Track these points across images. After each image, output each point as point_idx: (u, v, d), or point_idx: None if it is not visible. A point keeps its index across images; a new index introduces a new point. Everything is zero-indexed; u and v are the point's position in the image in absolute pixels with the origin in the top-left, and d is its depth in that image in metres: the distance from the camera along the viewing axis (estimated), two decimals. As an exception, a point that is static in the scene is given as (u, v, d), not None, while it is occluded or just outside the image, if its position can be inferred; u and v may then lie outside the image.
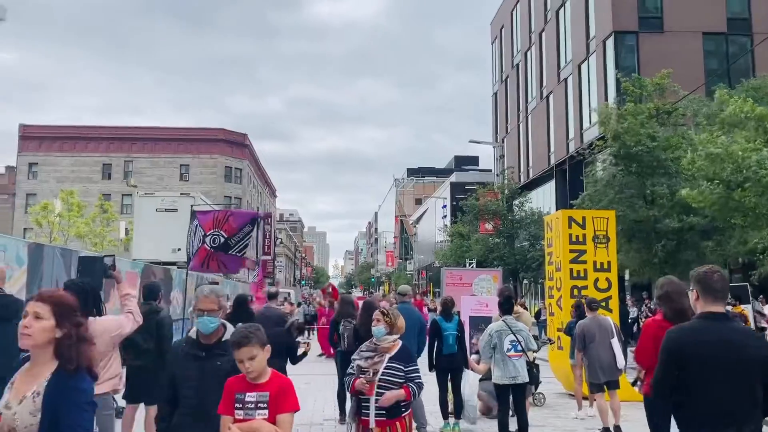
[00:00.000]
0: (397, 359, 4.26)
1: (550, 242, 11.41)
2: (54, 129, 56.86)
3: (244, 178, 59.22)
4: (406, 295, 7.76)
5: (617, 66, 26.78)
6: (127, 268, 15.50)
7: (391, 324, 4.37)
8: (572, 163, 31.15)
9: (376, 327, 4.33)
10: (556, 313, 11.00)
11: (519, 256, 25.91)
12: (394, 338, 4.37)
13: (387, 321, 4.37)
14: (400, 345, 4.40)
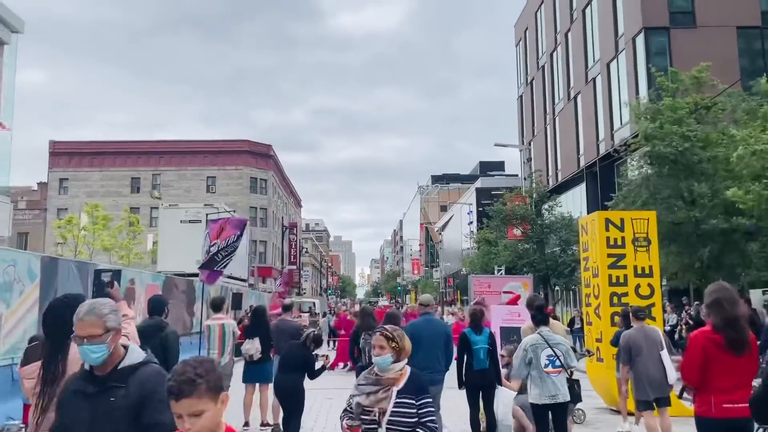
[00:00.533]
0: (407, 392, 3.43)
1: (585, 246, 10.74)
2: (83, 144, 57.72)
3: (269, 189, 59.28)
4: (429, 306, 7.20)
5: (648, 63, 25.88)
6: (148, 281, 15.23)
7: (398, 350, 3.50)
8: (603, 164, 30.24)
9: (381, 356, 3.46)
10: (594, 323, 10.30)
11: (550, 261, 25.09)
12: (402, 366, 3.51)
13: (393, 347, 3.49)
14: (408, 373, 3.53)
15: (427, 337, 6.79)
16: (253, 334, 8.35)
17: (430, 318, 7.15)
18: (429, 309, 7.20)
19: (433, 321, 7.10)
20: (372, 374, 3.53)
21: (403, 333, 3.64)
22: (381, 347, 3.48)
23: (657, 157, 13.59)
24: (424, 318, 7.03)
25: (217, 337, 8.39)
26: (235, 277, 26.91)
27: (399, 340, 3.52)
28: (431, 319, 7.14)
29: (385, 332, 3.55)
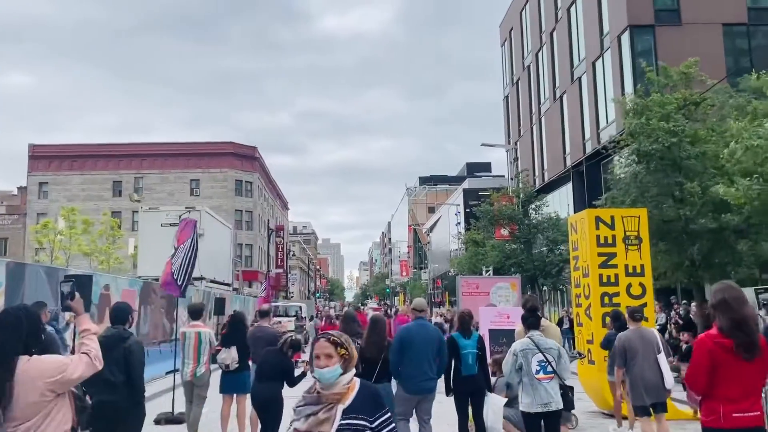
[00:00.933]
0: (356, 412, 2.82)
1: (575, 245, 10.44)
2: (63, 148, 56.80)
3: (255, 191, 58.68)
4: (423, 311, 6.83)
5: (633, 61, 25.77)
6: (125, 286, 14.74)
7: (348, 358, 2.91)
8: (589, 163, 30.11)
9: (327, 368, 2.82)
10: (585, 324, 10.00)
11: (537, 261, 24.85)
12: (350, 379, 2.91)
13: (342, 354, 2.90)
14: (357, 387, 2.93)
15: (420, 343, 6.43)
16: (230, 343, 7.94)
17: (424, 323, 6.76)
18: (422, 314, 6.83)
19: (427, 326, 6.74)
20: (313, 391, 2.90)
21: (349, 339, 3.04)
22: (328, 356, 2.85)
23: (644, 153, 13.33)
24: (417, 323, 6.67)
25: (193, 345, 7.97)
26: (218, 281, 26.42)
27: (348, 347, 2.95)
28: (425, 323, 6.75)
29: (332, 338, 2.94)
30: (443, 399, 7.04)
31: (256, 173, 59.01)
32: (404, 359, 6.38)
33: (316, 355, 2.88)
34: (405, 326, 6.73)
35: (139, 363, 5.09)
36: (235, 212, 56.17)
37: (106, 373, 5.00)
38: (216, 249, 26.16)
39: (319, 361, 2.86)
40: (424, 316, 6.82)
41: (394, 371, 6.51)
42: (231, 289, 28.49)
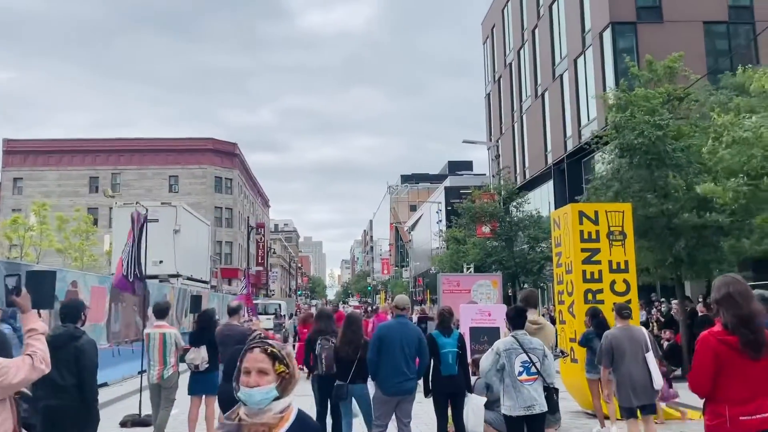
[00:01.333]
0: None
1: (558, 241, 10.19)
2: (39, 143, 55.67)
3: (235, 188, 57.96)
4: (405, 309, 6.49)
5: (615, 59, 25.71)
6: (94, 283, 14.22)
7: (287, 378, 2.26)
8: (570, 161, 30.06)
9: (258, 388, 2.18)
10: (567, 321, 9.76)
11: (519, 259, 24.69)
12: (285, 406, 2.24)
13: (281, 372, 2.25)
14: (293, 418, 2.24)
15: (399, 341, 6.12)
16: (199, 342, 7.55)
17: (404, 321, 6.44)
18: (404, 312, 6.49)
19: (407, 324, 6.41)
20: (234, 417, 2.22)
21: (291, 353, 2.37)
22: (261, 372, 2.21)
23: (627, 147, 13.14)
24: (397, 321, 6.34)
25: (158, 347, 7.56)
26: (195, 278, 25.88)
27: (290, 363, 2.28)
28: (405, 322, 6.43)
29: (269, 349, 2.28)
30: (422, 399, 6.74)
31: (236, 170, 58.29)
32: (382, 359, 6.06)
33: (245, 370, 2.22)
34: (384, 324, 6.42)
35: (91, 364, 4.70)
36: (215, 209, 55.46)
37: (55, 376, 4.60)
38: (193, 245, 25.62)
39: (248, 377, 2.19)
40: (405, 314, 6.49)
41: (372, 371, 6.19)
42: (209, 287, 27.95)
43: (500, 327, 9.86)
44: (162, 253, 22.95)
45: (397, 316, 6.45)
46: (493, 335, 9.59)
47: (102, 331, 14.35)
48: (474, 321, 9.54)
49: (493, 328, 9.42)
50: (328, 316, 7.15)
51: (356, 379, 6.43)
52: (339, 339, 6.60)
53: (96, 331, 13.97)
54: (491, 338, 9.67)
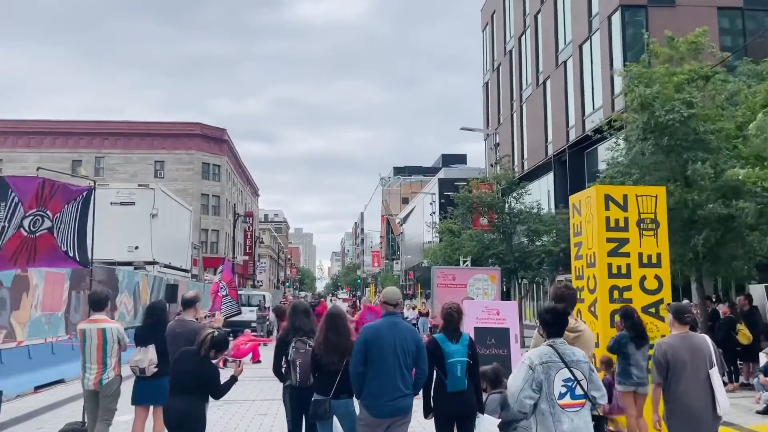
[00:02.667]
0: None
1: (578, 229, 8.81)
2: (20, 123, 53.75)
3: (223, 175, 56.30)
4: (397, 305, 5.05)
5: (624, 44, 24.37)
6: (50, 269, 12.72)
7: None
8: (573, 151, 28.75)
9: None
10: (588, 323, 8.38)
11: (518, 253, 23.35)
12: None
13: None
14: None
15: (390, 347, 4.74)
16: (146, 340, 6.15)
17: (396, 320, 4.99)
18: (396, 309, 5.08)
19: (400, 325, 4.94)
20: None
21: None
22: None
23: (653, 128, 11.77)
24: (387, 320, 4.95)
25: (96, 345, 6.14)
26: (174, 266, 24.39)
27: None
28: (397, 321, 4.99)
29: None
30: (421, 420, 5.36)
31: (225, 156, 56.62)
32: (370, 370, 4.68)
33: None
34: (372, 325, 4.99)
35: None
36: (201, 196, 53.87)
37: None
38: (172, 231, 24.11)
39: None
40: (398, 311, 5.06)
41: (356, 387, 4.80)
42: (189, 276, 26.46)
43: (510, 328, 8.52)
44: (137, 238, 21.46)
45: (386, 314, 5.03)
46: (502, 337, 8.24)
47: (60, 322, 12.90)
48: (479, 320, 8.17)
49: (502, 328, 8.07)
50: (304, 311, 5.73)
51: (340, 393, 5.05)
52: (318, 342, 5.20)
53: (53, 321, 12.53)
54: (500, 341, 8.33)
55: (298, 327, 5.53)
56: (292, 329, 5.54)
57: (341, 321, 5.23)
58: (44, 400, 10.42)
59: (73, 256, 7.98)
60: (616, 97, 24.82)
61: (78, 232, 7.96)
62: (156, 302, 6.53)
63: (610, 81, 25.26)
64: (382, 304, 5.03)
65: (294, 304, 5.83)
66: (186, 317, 5.79)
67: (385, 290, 5.17)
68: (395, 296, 5.04)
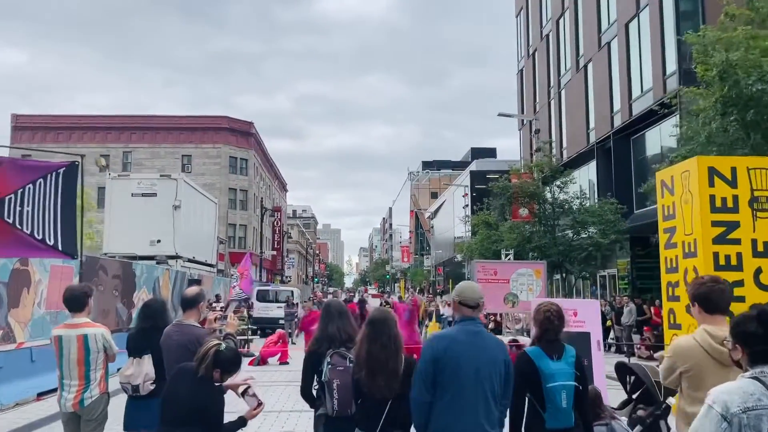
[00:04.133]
0: None
1: (669, 211, 7.25)
2: (48, 119, 53.68)
3: (251, 169, 55.47)
4: (476, 307, 3.60)
5: (678, 20, 22.44)
6: (56, 262, 11.59)
7: None
8: (617, 138, 26.88)
9: None
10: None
11: (562, 246, 21.67)
12: None
13: None
14: None
15: (471, 368, 3.32)
16: (141, 349, 4.83)
17: (478, 329, 3.53)
18: (475, 313, 3.66)
19: (483, 335, 3.52)
20: None
21: None
22: None
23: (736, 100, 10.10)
24: (465, 328, 3.50)
25: (76, 356, 4.83)
26: (198, 261, 23.31)
27: None
28: (479, 331, 3.52)
29: None
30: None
31: (252, 150, 55.76)
32: (440, 399, 3.27)
33: None
34: (444, 335, 3.54)
35: None
36: (229, 191, 53.14)
37: None
38: (196, 224, 23.02)
39: None
40: (477, 316, 3.60)
41: (419, 420, 3.38)
42: (214, 271, 25.40)
43: (591, 332, 7.02)
44: (160, 231, 20.41)
45: (462, 320, 3.58)
46: (581, 344, 6.72)
47: (69, 320, 11.73)
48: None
49: (581, 333, 6.59)
50: (340, 313, 4.31)
51: (391, 428, 3.63)
52: (358, 358, 3.78)
53: (60, 320, 11.37)
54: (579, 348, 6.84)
55: (334, 335, 4.12)
56: (325, 338, 4.14)
57: (389, 329, 3.79)
58: (47, 409, 9.27)
59: (54, 244, 6.73)
60: (668, 78, 22.97)
61: (60, 216, 6.69)
62: (153, 300, 5.20)
63: (662, 61, 23.37)
64: (458, 305, 3.58)
65: (327, 304, 4.39)
66: (187, 321, 4.44)
67: (462, 286, 3.67)
68: (475, 294, 3.58)
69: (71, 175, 7.02)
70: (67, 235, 6.86)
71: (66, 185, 6.90)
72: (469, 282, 3.69)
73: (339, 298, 32.33)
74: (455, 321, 3.59)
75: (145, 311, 5.00)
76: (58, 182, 6.83)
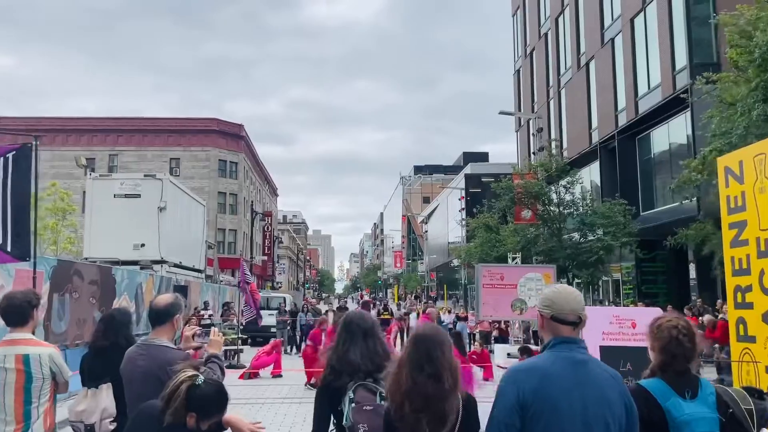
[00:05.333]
0: None
1: (736, 203, 6.17)
2: (32, 121, 52.04)
3: (240, 173, 54.14)
4: (579, 323, 2.43)
5: (688, 13, 21.55)
6: (22, 266, 10.33)
7: None
8: (622, 137, 25.94)
9: None
10: (760, 337, 5.75)
11: (570, 249, 20.61)
12: None
13: None
14: None
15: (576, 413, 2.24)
16: (97, 376, 3.67)
17: (582, 358, 2.35)
18: (574, 332, 2.48)
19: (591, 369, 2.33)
20: None
21: None
22: None
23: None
24: (560, 356, 2.34)
25: (13, 384, 3.63)
26: (185, 266, 22.05)
27: None
28: (585, 360, 2.35)
29: None
30: None
31: (242, 153, 54.44)
32: None
33: None
34: (532, 368, 2.37)
35: None
36: (218, 194, 51.77)
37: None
38: (183, 227, 21.78)
39: None
40: (577, 336, 2.46)
41: None
42: (202, 277, 24.14)
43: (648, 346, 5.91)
44: (144, 234, 19.15)
45: (557, 343, 2.46)
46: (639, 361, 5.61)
47: (38, 333, 10.47)
48: (607, 335, 5.59)
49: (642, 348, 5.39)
50: (366, 333, 3.15)
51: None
52: (398, 389, 2.63)
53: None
54: (637, 365, 5.74)
55: (357, 363, 2.98)
56: (345, 366, 2.99)
57: (442, 352, 2.66)
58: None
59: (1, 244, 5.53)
60: (677, 73, 22.06)
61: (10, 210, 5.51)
62: (116, 311, 4.01)
63: (671, 55, 22.46)
64: (547, 321, 2.45)
65: (348, 318, 3.21)
66: (156, 340, 3.24)
67: (554, 293, 2.47)
68: (576, 304, 2.45)
69: (23, 160, 5.84)
70: (17, 233, 5.67)
71: (16, 172, 5.72)
72: (564, 286, 2.56)
73: (332, 306, 30.87)
74: (546, 345, 2.46)
75: (105, 325, 3.83)
76: (7, 169, 5.66)
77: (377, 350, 3.07)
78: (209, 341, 3.48)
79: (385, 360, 3.03)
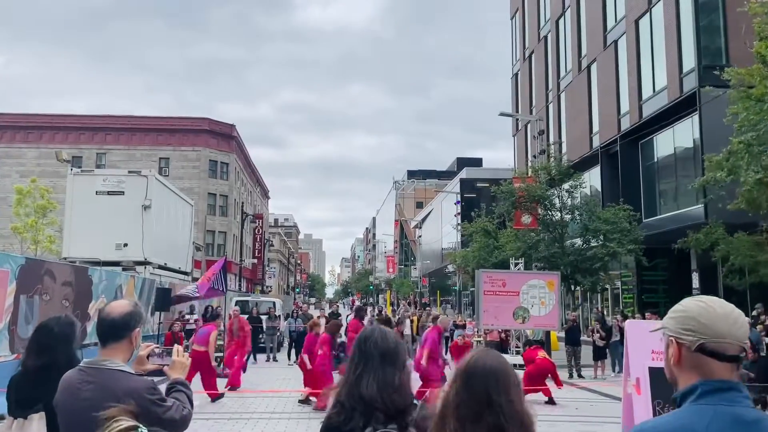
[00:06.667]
0: None
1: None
2: (18, 117, 50.91)
3: (231, 174, 53.09)
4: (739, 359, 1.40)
5: (696, 11, 20.89)
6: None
7: None
8: (625, 142, 25.22)
9: None
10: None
11: (572, 256, 19.78)
12: None
13: None
14: None
15: None
16: (27, 404, 2.76)
17: (752, 417, 1.46)
18: (732, 373, 1.48)
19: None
20: None
21: None
22: None
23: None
24: (718, 412, 1.44)
25: None
26: (171, 268, 21.04)
27: None
28: (758, 420, 1.46)
29: None
30: None
31: (233, 154, 53.42)
32: None
33: None
34: (675, 425, 1.54)
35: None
36: (208, 195, 50.70)
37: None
38: (169, 227, 20.79)
39: None
40: (735, 378, 1.59)
41: None
42: (189, 279, 23.12)
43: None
44: (127, 234, 18.18)
45: (711, 391, 1.51)
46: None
47: (2, 337, 9.52)
48: (657, 355, 4.73)
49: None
50: (383, 356, 2.25)
51: None
52: None
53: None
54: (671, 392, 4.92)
55: (373, 399, 2.09)
56: (357, 403, 2.10)
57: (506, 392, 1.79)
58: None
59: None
60: (685, 75, 21.37)
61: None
62: (55, 320, 3.07)
63: (678, 58, 21.78)
64: (692, 354, 1.56)
65: (362, 336, 2.29)
66: (106, 360, 2.30)
67: (707, 309, 1.54)
68: (739, 331, 1.54)
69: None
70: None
71: None
72: (715, 299, 1.63)
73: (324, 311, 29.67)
74: (686, 392, 1.59)
75: (39, 338, 2.92)
76: None
77: (393, 383, 2.17)
78: (171, 363, 2.58)
79: (402, 397, 2.15)
